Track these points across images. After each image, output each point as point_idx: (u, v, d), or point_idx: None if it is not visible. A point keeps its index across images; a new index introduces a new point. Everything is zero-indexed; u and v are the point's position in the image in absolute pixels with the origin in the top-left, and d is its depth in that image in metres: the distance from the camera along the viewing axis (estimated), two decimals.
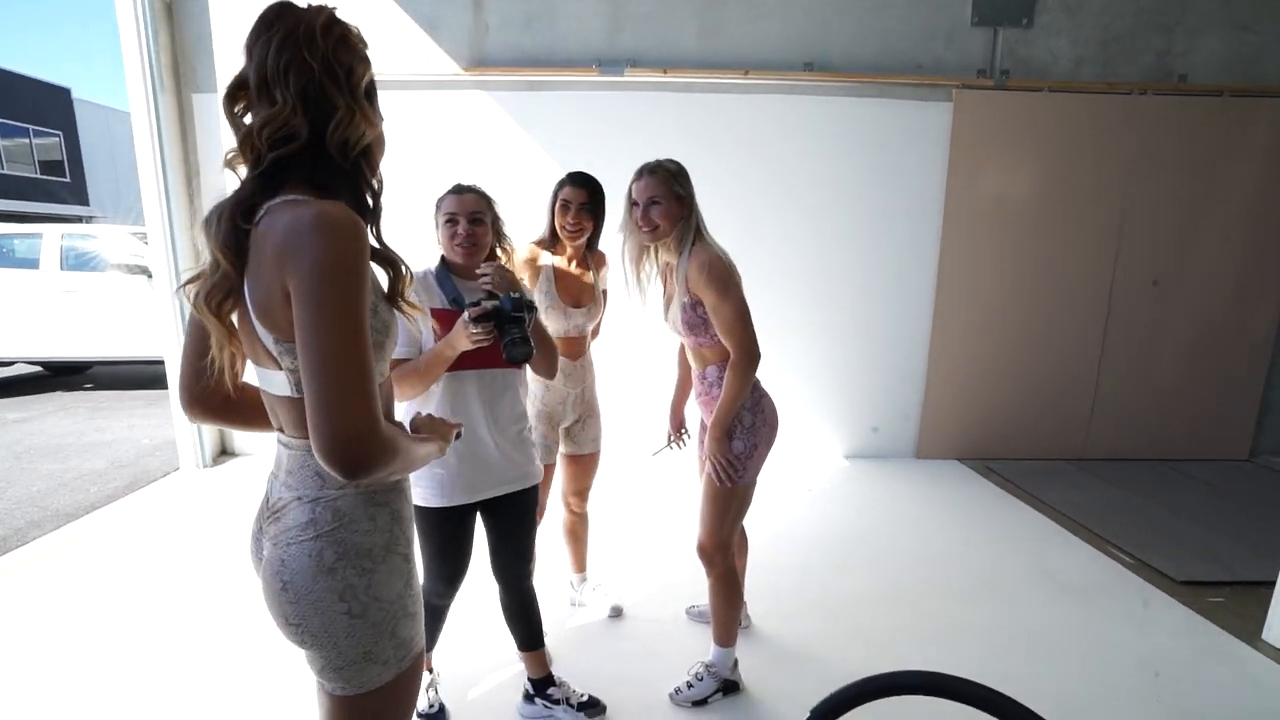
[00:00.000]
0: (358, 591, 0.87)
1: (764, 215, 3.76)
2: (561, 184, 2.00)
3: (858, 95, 3.67)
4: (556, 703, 1.77)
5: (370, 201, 0.90)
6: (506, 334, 1.40)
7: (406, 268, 0.95)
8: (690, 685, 1.87)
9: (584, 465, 2.17)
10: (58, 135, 19.57)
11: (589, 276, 2.04)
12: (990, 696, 0.71)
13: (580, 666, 2.02)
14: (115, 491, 3.63)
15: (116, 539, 2.93)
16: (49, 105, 19.23)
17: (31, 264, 5.78)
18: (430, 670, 1.84)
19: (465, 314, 1.40)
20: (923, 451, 4.03)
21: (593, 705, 1.79)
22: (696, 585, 2.41)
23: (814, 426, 4.01)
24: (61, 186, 19.21)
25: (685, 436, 2.16)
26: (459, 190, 1.59)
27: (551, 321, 1.97)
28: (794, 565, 2.66)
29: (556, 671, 1.86)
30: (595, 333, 2.22)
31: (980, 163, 3.74)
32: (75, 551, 2.81)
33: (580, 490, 2.22)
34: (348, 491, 0.88)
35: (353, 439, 0.74)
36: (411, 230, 1.69)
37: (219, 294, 0.84)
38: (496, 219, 1.63)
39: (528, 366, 1.60)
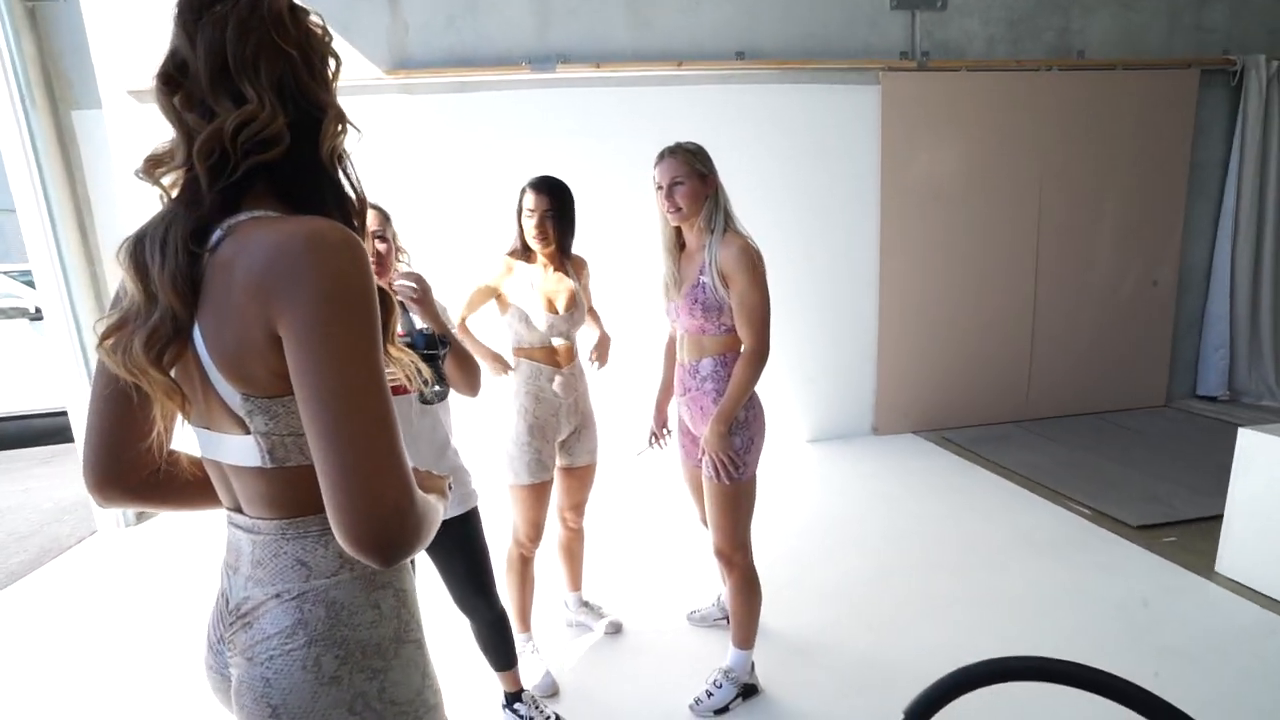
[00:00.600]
0: (370, 700, 0.70)
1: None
2: (523, 191, 1.88)
3: (790, 82, 3.71)
4: (522, 718, 1.76)
5: (356, 220, 0.75)
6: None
7: (395, 301, 0.77)
8: (710, 694, 1.81)
9: (580, 478, 2.07)
10: None
11: (567, 282, 1.93)
12: (1093, 676, 0.68)
13: (588, 685, 1.93)
14: (19, 567, 3.18)
15: (26, 622, 2.56)
16: None
17: None
18: None
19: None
20: (881, 428, 4.13)
21: None
22: (694, 590, 2.37)
23: (774, 413, 4.02)
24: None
25: (667, 435, 2.09)
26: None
27: (532, 331, 1.87)
28: (782, 556, 2.65)
29: (566, 693, 1.78)
30: (602, 344, 2.11)
31: (910, 143, 3.86)
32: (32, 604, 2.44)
33: (576, 504, 2.11)
34: (342, 577, 0.71)
35: (392, 514, 0.60)
36: None
37: (159, 341, 0.64)
38: (396, 238, 1.54)
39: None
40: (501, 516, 2.00)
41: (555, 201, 1.86)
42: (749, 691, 1.85)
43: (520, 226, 1.88)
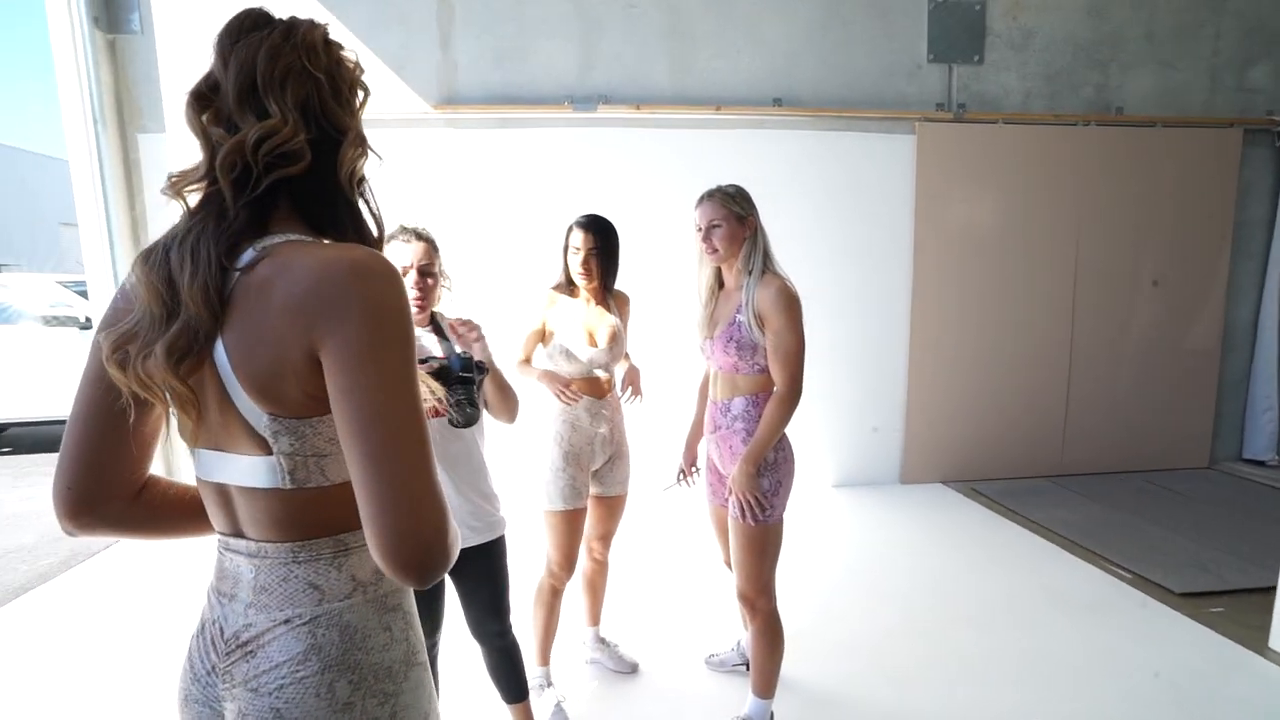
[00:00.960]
0: None
1: None
2: (570, 229, 1.94)
3: (826, 129, 3.76)
4: None
5: (378, 244, 0.76)
6: (453, 395, 1.35)
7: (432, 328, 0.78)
8: None
9: (610, 508, 2.07)
10: None
11: (609, 316, 1.98)
12: None
13: None
14: (49, 569, 3.25)
15: (55, 625, 2.59)
16: None
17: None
18: None
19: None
20: (908, 476, 4.04)
21: None
22: (714, 633, 2.31)
23: (803, 458, 3.97)
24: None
25: (695, 473, 2.07)
26: (406, 239, 1.48)
27: (573, 363, 1.91)
28: (805, 603, 2.57)
29: None
30: (633, 378, 2.07)
31: (945, 192, 3.87)
32: (3, 643, 2.47)
33: (604, 534, 2.11)
34: (355, 599, 0.70)
35: (434, 537, 0.60)
36: None
37: (180, 351, 0.63)
38: (440, 264, 1.56)
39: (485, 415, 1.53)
40: (529, 545, 1.99)
41: (600, 240, 1.91)
42: None
43: (566, 262, 1.93)
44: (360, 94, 0.75)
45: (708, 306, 1.81)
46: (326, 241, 0.70)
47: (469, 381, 1.35)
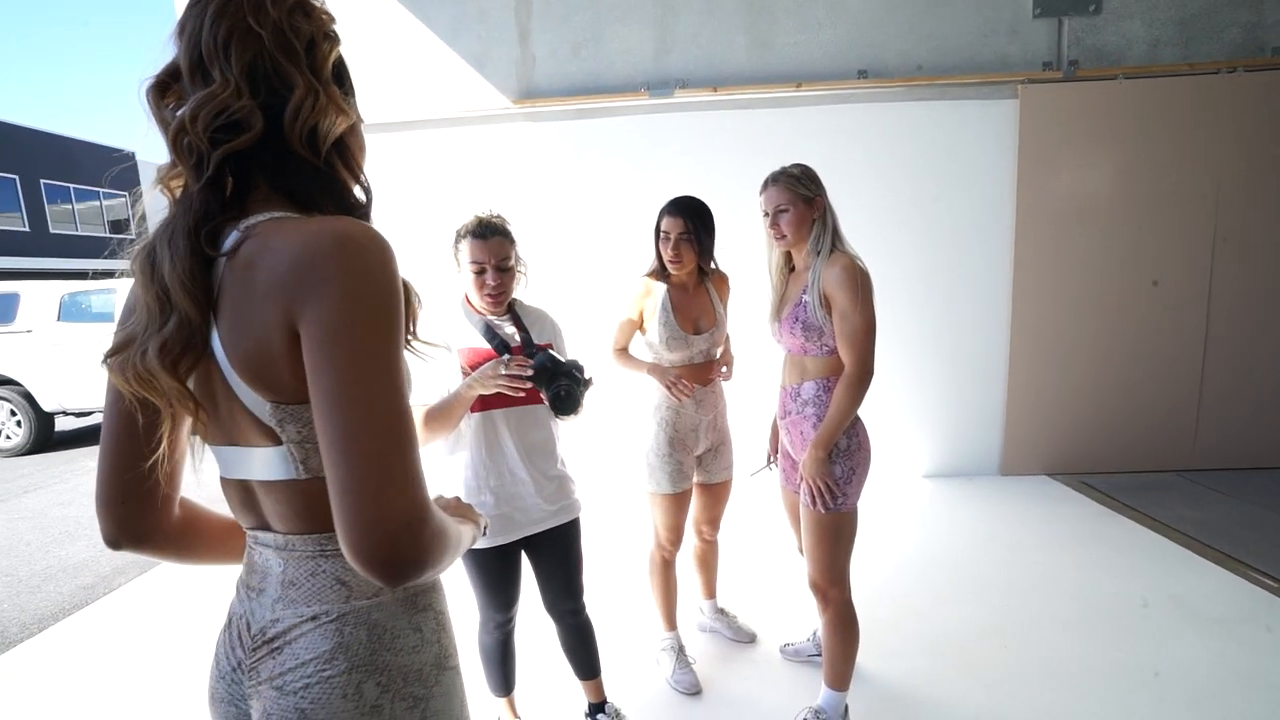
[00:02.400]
0: None
1: None
2: (661, 213, 1.94)
3: (916, 99, 3.54)
4: None
5: (360, 214, 0.69)
6: (556, 384, 1.39)
7: (418, 297, 0.72)
8: None
9: (715, 494, 2.10)
10: (124, 196, 20.82)
11: (708, 300, 1.98)
12: None
13: (666, 715, 1.89)
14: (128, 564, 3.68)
15: (197, 581, 2.94)
16: (115, 169, 20.50)
17: (107, 318, 6.05)
18: (517, 717, 1.77)
19: (504, 359, 1.40)
20: (1008, 468, 3.78)
21: None
22: (790, 621, 2.27)
23: (889, 446, 3.81)
24: (129, 244, 20.45)
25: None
26: (482, 234, 1.49)
27: (675, 351, 1.92)
28: (887, 595, 2.48)
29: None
30: (727, 360, 2.11)
31: (1053, 160, 3.55)
32: (160, 594, 2.83)
33: (713, 519, 2.15)
34: (383, 598, 0.67)
35: (401, 530, 0.55)
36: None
37: (175, 348, 0.60)
38: (518, 255, 1.57)
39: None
40: (612, 523, 2.03)
41: (691, 223, 1.88)
42: None
43: (658, 248, 1.93)
44: (325, 45, 0.66)
45: (778, 290, 1.77)
46: (312, 216, 0.65)
47: (574, 373, 1.42)
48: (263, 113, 0.61)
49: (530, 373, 1.39)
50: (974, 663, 2.08)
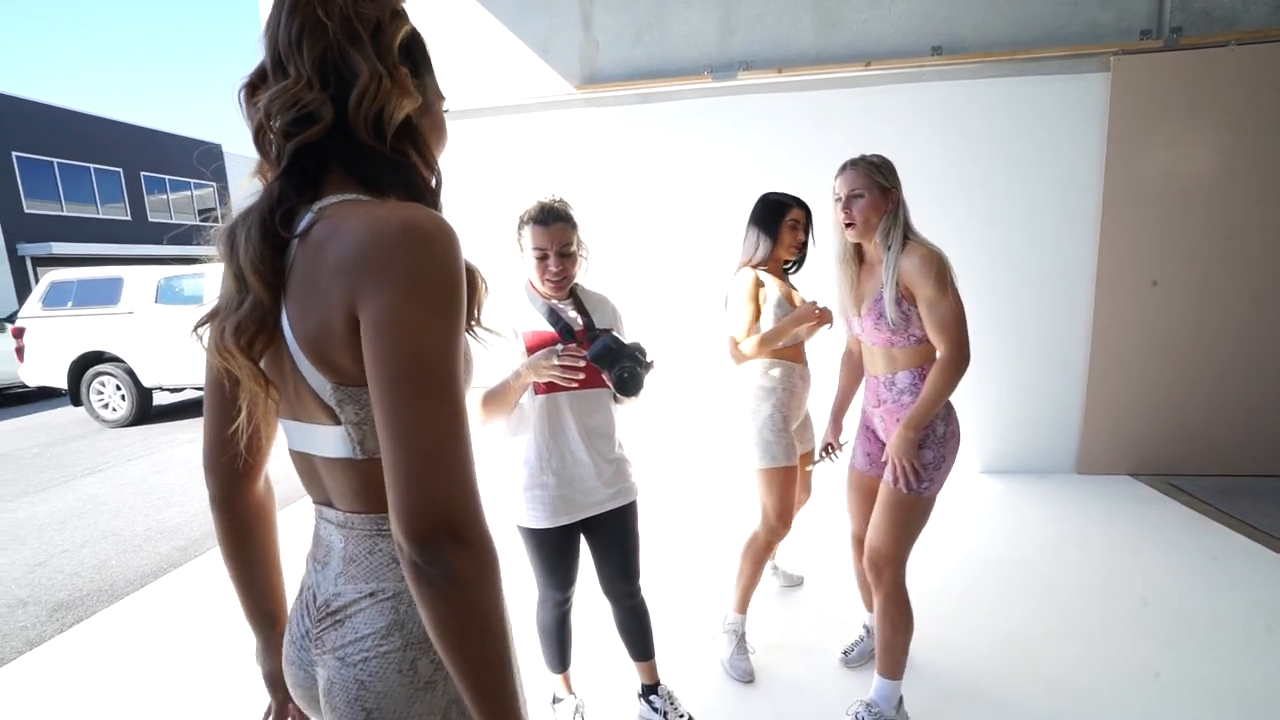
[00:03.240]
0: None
1: None
2: (785, 206, 2.03)
3: (994, 76, 3.35)
4: (656, 711, 1.77)
5: (429, 200, 0.69)
6: (620, 366, 1.42)
7: (485, 283, 0.73)
8: None
9: (801, 462, 2.16)
10: (212, 186, 22.20)
11: (790, 283, 2.12)
12: None
13: (722, 703, 1.90)
14: (279, 500, 3.93)
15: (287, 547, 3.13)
16: (205, 160, 21.88)
17: (196, 300, 6.49)
18: (572, 693, 1.80)
19: (557, 349, 1.43)
20: (1085, 466, 3.58)
21: None
22: (843, 623, 2.24)
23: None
24: (205, 233, 22.04)
25: (841, 448, 2.02)
26: (544, 220, 1.51)
27: (792, 338, 2.00)
28: (949, 590, 2.41)
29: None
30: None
31: (1145, 138, 3.30)
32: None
33: (802, 485, 2.24)
34: None
35: (449, 521, 0.56)
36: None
37: (250, 328, 0.63)
38: (580, 240, 1.58)
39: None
40: (670, 507, 2.04)
41: (807, 215, 2.08)
42: None
43: (777, 237, 2.02)
44: (393, 25, 0.66)
45: (845, 280, 1.74)
46: (384, 201, 0.65)
47: (637, 356, 1.45)
48: (333, 103, 0.63)
49: (583, 363, 1.42)
50: (1039, 664, 2.00)
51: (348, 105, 0.63)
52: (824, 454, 2.03)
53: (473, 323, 0.72)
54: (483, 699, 0.59)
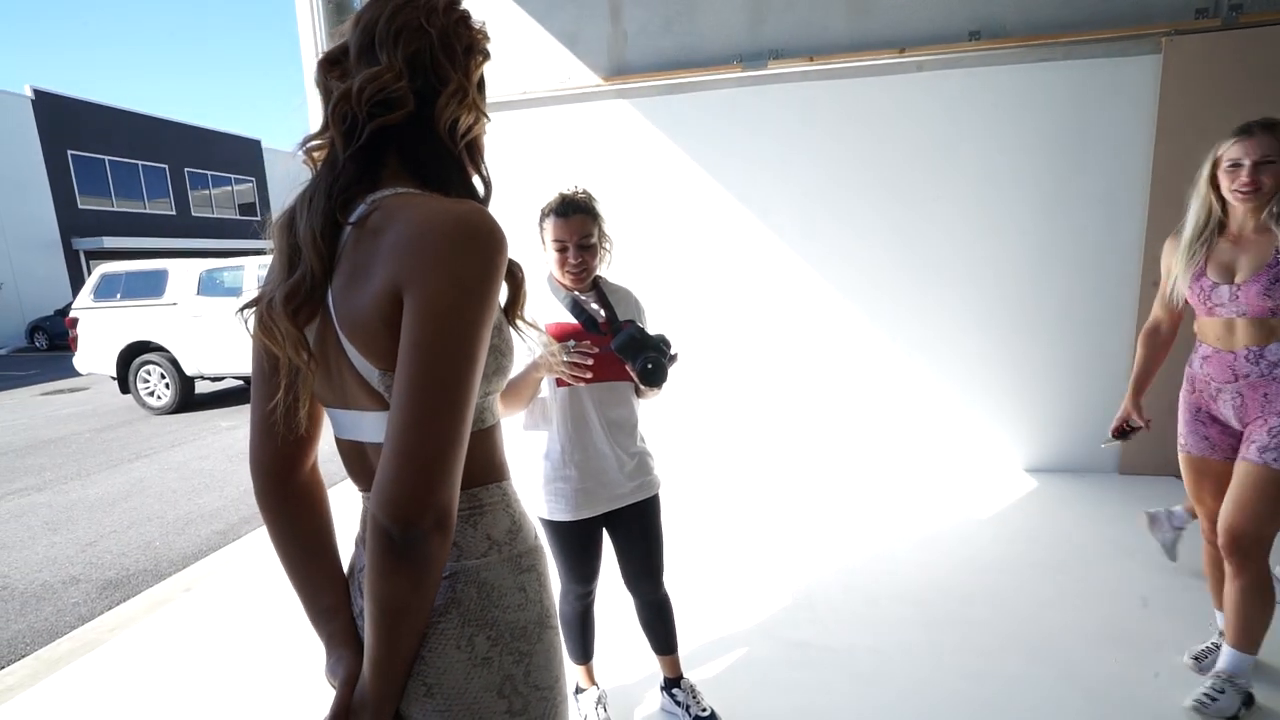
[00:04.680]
0: (517, 683, 0.70)
1: (928, 205, 3.43)
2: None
3: (1036, 60, 3.23)
4: (679, 704, 1.77)
5: (481, 203, 0.75)
6: (644, 356, 1.43)
7: (524, 280, 0.77)
8: (1213, 699, 1.69)
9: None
10: (251, 181, 22.83)
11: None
12: None
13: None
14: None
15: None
16: (244, 156, 22.52)
17: (236, 291, 6.68)
18: (595, 684, 1.81)
19: (569, 345, 1.42)
20: (1129, 466, 3.45)
21: None
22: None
23: (991, 436, 3.58)
24: (256, 224, 22.76)
25: (1139, 427, 1.99)
26: (564, 212, 1.51)
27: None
28: (983, 593, 2.35)
29: None
30: None
31: (1199, 124, 3.11)
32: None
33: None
34: (491, 558, 0.71)
35: (428, 514, 0.59)
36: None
37: (298, 297, 0.66)
38: (602, 232, 1.57)
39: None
40: (686, 503, 2.02)
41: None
42: (1249, 701, 1.70)
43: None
44: (478, 57, 0.74)
45: (1196, 251, 1.73)
46: (437, 196, 0.70)
47: (662, 347, 1.45)
48: (416, 96, 0.68)
49: (590, 361, 1.41)
50: (1077, 672, 1.93)
51: (428, 103, 0.69)
52: (1121, 430, 2.00)
53: (516, 318, 0.76)
54: (391, 654, 0.65)
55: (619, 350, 1.45)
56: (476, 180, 0.76)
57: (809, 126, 3.48)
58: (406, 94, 0.67)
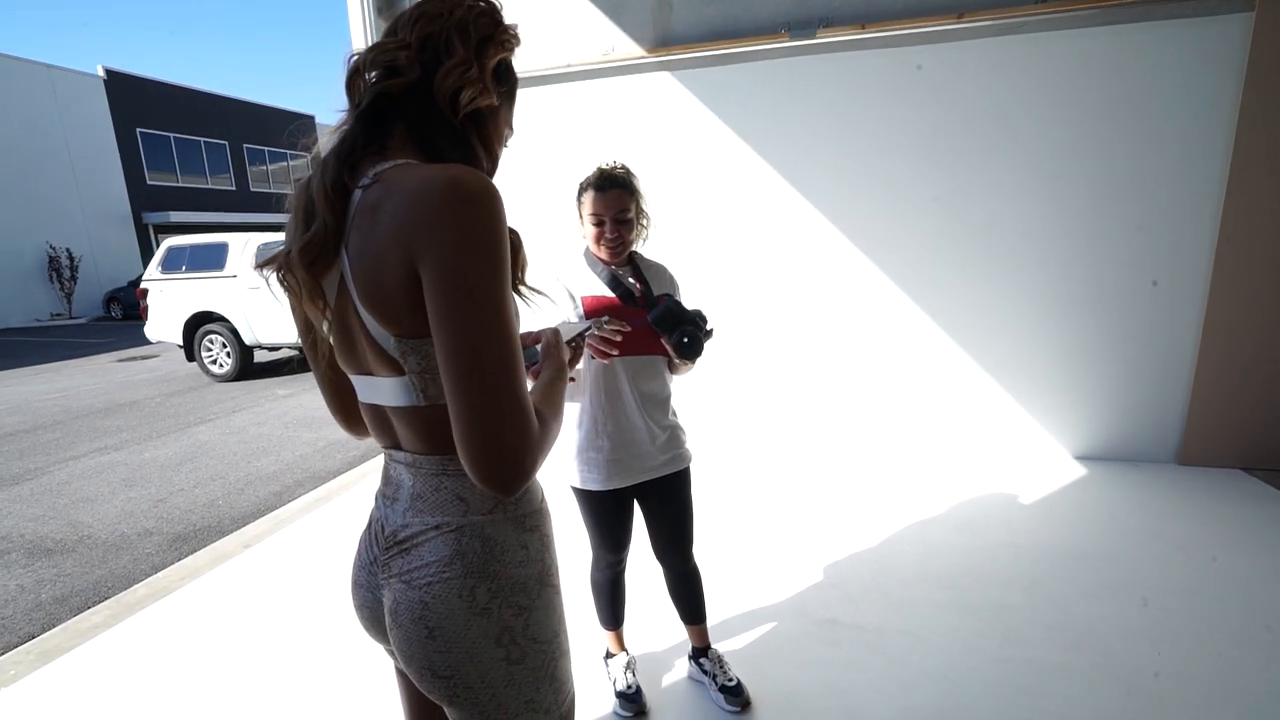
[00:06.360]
0: (515, 634, 0.74)
1: (980, 179, 3.29)
2: None
3: (1105, 24, 3.03)
4: (706, 673, 1.79)
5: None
6: (681, 330, 1.44)
7: (521, 245, 0.77)
8: None
9: None
10: (306, 156, 23.43)
11: None
12: None
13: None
14: (355, 459, 4.22)
15: (361, 500, 3.37)
16: (299, 132, 23.10)
17: None
18: (624, 650, 1.85)
19: (602, 320, 1.39)
20: (1189, 456, 3.29)
21: (735, 692, 1.73)
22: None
23: (1038, 420, 3.46)
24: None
25: None
26: (602, 186, 1.50)
27: None
28: (1022, 580, 2.30)
29: None
30: None
31: None
32: (331, 508, 3.29)
33: None
34: (496, 515, 0.75)
35: (520, 455, 0.64)
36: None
37: (314, 249, 0.69)
38: (640, 208, 1.56)
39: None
40: (717, 477, 2.03)
41: None
42: None
43: None
44: (497, 49, 0.76)
45: None
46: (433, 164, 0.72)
47: (698, 321, 1.46)
48: (420, 67, 0.71)
49: (620, 338, 1.40)
50: (1116, 664, 1.88)
51: (434, 77, 0.71)
52: None
53: (517, 283, 0.77)
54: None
55: (656, 323, 1.46)
56: (480, 155, 0.78)
57: (858, 99, 3.36)
58: (412, 64, 0.71)
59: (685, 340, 1.45)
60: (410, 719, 0.95)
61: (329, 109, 0.78)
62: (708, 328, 1.49)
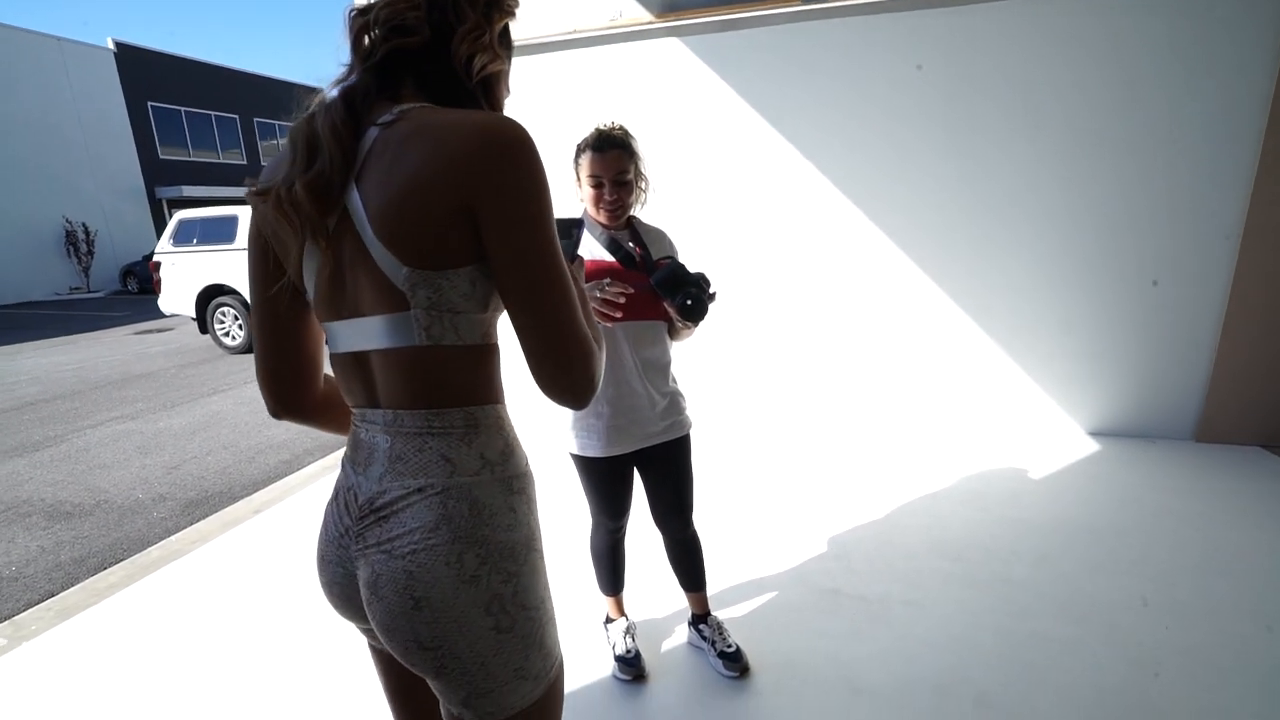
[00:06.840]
0: (504, 601, 0.71)
1: (1003, 147, 3.19)
2: None
3: None
4: (705, 639, 1.80)
5: None
6: (684, 292, 1.42)
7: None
8: None
9: None
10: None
11: None
12: None
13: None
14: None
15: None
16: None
17: None
18: (624, 615, 1.86)
19: (605, 282, 1.41)
20: (1207, 433, 3.22)
21: (734, 658, 1.73)
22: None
23: (1051, 395, 3.40)
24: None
25: None
26: (600, 147, 1.48)
27: None
28: (1029, 554, 2.27)
29: None
30: None
31: None
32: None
33: None
34: (484, 476, 0.72)
35: (583, 374, 0.71)
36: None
37: (320, 185, 0.67)
38: (639, 170, 1.53)
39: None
40: (717, 444, 2.02)
41: None
42: None
43: None
44: (501, 12, 0.76)
45: None
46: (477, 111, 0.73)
47: (701, 283, 1.45)
48: (431, 27, 0.71)
49: (623, 299, 1.40)
50: (1124, 639, 1.86)
51: (446, 39, 0.71)
52: None
53: None
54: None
55: (659, 285, 1.43)
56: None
57: (871, 65, 3.26)
58: (422, 23, 0.70)
59: (689, 303, 1.43)
60: (391, 695, 0.91)
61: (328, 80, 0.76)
62: (711, 290, 1.47)
